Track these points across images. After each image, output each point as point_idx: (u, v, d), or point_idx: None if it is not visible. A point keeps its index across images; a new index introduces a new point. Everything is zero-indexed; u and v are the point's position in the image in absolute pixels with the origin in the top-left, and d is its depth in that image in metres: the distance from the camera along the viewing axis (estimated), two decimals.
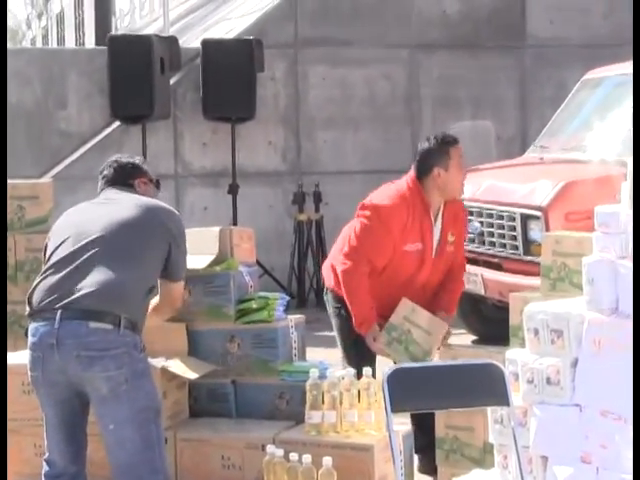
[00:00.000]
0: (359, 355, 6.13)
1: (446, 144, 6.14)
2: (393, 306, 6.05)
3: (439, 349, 6.07)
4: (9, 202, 6.54)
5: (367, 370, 5.35)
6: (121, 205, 5.06)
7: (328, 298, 6.46)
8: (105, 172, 5.33)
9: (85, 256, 4.81)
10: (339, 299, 6.28)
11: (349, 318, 6.18)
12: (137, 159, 5.48)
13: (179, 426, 5.47)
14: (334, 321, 6.44)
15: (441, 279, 6.34)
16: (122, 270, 4.77)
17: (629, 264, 4.65)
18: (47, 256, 4.98)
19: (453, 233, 6.28)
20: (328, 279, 6.48)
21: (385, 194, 6.23)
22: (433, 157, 6.13)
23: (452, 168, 6.11)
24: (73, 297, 4.70)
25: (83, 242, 4.85)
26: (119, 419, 4.71)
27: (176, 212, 5.20)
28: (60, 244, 4.93)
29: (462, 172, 6.21)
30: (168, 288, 5.09)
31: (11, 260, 6.48)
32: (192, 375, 5.48)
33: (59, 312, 4.67)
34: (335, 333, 6.48)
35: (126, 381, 4.68)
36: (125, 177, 5.24)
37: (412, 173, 6.18)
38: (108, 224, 4.89)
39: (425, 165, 6.13)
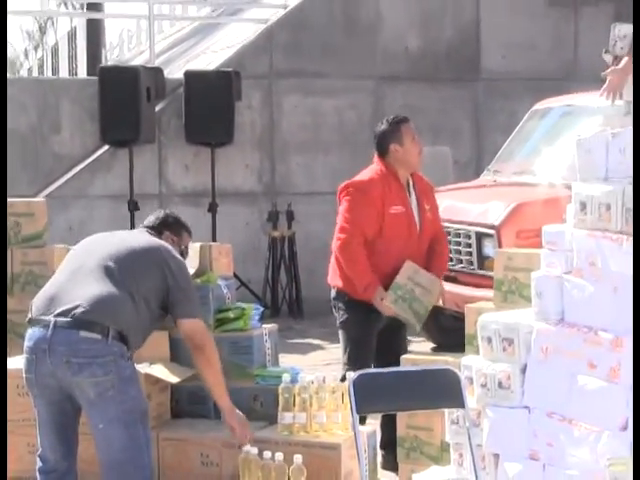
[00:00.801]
0: (362, 356, 6.15)
1: (397, 123, 6.31)
2: (395, 275, 6.11)
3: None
4: (7, 220, 6.52)
5: (334, 376, 5.36)
6: (135, 238, 5.13)
7: (333, 298, 6.41)
8: (151, 217, 5.37)
9: (84, 272, 4.83)
10: (341, 296, 6.29)
11: (351, 318, 6.21)
12: (182, 221, 5.53)
13: (162, 426, 5.45)
14: (338, 321, 6.40)
15: (427, 247, 6.40)
16: (114, 287, 4.76)
17: (574, 279, 4.66)
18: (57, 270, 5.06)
19: (427, 203, 6.38)
20: (331, 279, 6.46)
21: (359, 175, 6.42)
22: (388, 136, 6.27)
23: (406, 142, 6.24)
24: (67, 307, 4.69)
25: (86, 260, 4.89)
26: (107, 420, 4.69)
27: (180, 259, 5.12)
28: (68, 260, 5.01)
29: (416, 145, 6.30)
30: (182, 330, 5.02)
31: (8, 273, 6.45)
32: (174, 379, 5.48)
33: (53, 320, 4.67)
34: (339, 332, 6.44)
35: (113, 386, 4.66)
36: (160, 225, 5.27)
37: (375, 155, 6.35)
38: (115, 249, 4.92)
39: (383, 144, 6.28)
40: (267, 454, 4.87)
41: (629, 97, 6.44)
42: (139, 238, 5.12)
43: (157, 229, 5.24)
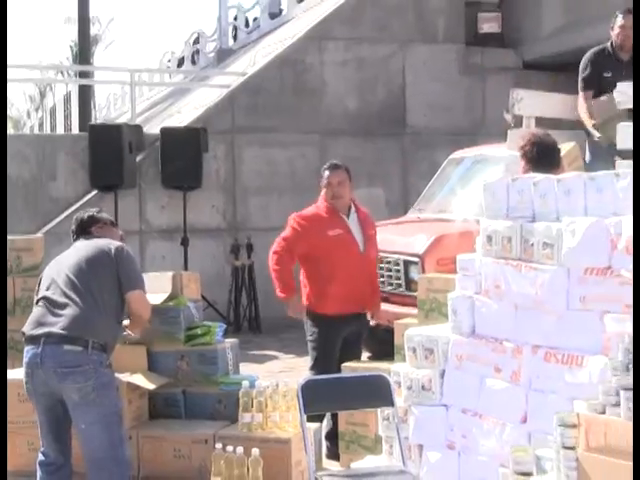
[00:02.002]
0: (322, 360, 6.12)
1: (324, 169, 6.44)
2: (349, 296, 6.12)
3: None
4: (10, 253, 6.49)
5: (285, 383, 5.33)
6: (81, 250, 5.01)
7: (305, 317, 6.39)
8: (72, 227, 5.23)
9: (59, 295, 4.82)
10: (311, 315, 6.25)
11: (317, 330, 6.19)
12: (91, 211, 5.35)
13: (140, 426, 5.42)
14: (307, 333, 6.36)
15: (375, 270, 6.57)
16: (85, 302, 4.75)
17: (482, 298, 4.69)
18: (37, 296, 4.99)
19: (371, 231, 6.45)
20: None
21: (306, 213, 6.46)
22: (322, 178, 6.39)
23: (326, 184, 6.32)
24: (52, 328, 4.71)
25: (57, 284, 4.86)
26: (89, 421, 4.68)
27: (119, 243, 5.05)
28: (43, 286, 4.96)
29: (331, 187, 6.29)
30: (129, 300, 4.92)
31: (10, 298, 6.42)
32: (151, 386, 5.45)
33: (42, 339, 4.70)
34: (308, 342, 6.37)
35: (94, 390, 4.65)
36: (84, 228, 5.15)
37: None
38: (73, 268, 4.87)
39: (321, 183, 6.40)
40: (230, 448, 4.85)
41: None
42: (84, 247, 5.02)
43: (86, 231, 5.14)
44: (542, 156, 5.48)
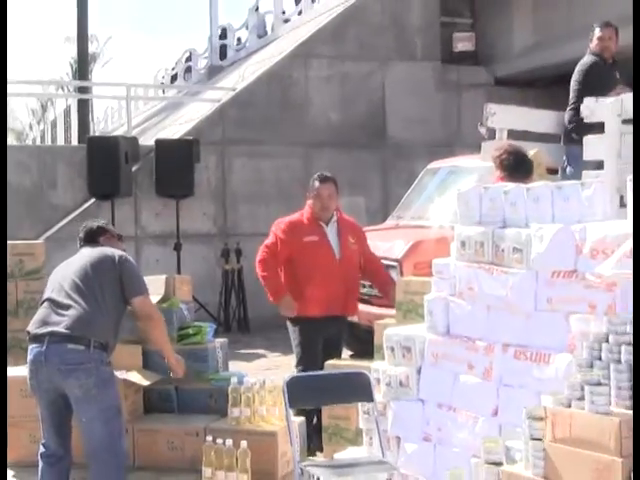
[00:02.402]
0: (306, 357, 6.12)
1: (314, 180, 6.35)
2: (325, 299, 6.11)
3: None
4: (12, 257, 6.48)
5: (272, 380, 5.33)
6: (86, 256, 5.03)
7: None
8: (80, 235, 5.25)
9: (63, 297, 4.82)
10: (290, 319, 6.25)
11: (300, 330, 6.18)
12: (102, 222, 5.40)
13: (136, 420, 5.43)
14: (291, 333, 6.35)
15: (355, 276, 6.43)
16: (87, 304, 4.76)
17: (457, 300, 4.70)
18: (42, 297, 5.00)
19: (353, 238, 6.36)
20: None
21: (287, 220, 6.40)
22: (310, 187, 6.33)
23: (315, 195, 6.25)
24: (56, 327, 4.71)
25: (62, 287, 4.87)
26: (90, 415, 4.68)
27: (123, 253, 5.08)
28: (49, 289, 4.96)
29: (320, 199, 6.24)
30: (134, 306, 4.97)
31: (13, 300, 6.42)
32: (145, 382, 5.45)
33: (47, 337, 4.69)
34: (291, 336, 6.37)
35: (95, 386, 4.65)
36: (92, 236, 5.18)
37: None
38: (78, 272, 4.89)
39: (308, 196, 6.34)
40: (220, 440, 4.85)
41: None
42: (89, 254, 5.03)
43: (94, 240, 5.16)
44: (517, 165, 5.55)
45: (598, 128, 6.87)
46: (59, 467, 4.86)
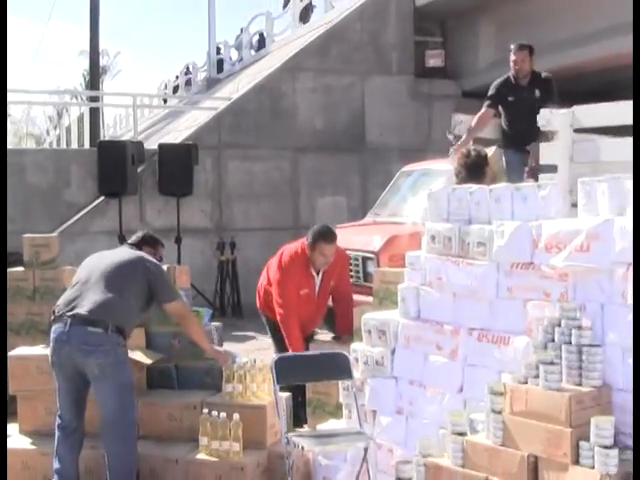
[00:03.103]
0: (282, 347, 6.06)
1: (321, 238, 6.03)
2: (305, 322, 6.07)
3: None
4: (30, 249, 6.44)
5: (261, 359, 5.31)
6: (122, 253, 5.09)
7: (265, 317, 6.38)
8: (133, 236, 5.34)
9: (89, 283, 4.83)
10: (266, 317, 6.27)
11: (272, 327, 6.18)
12: (156, 237, 5.42)
13: (140, 394, 5.34)
14: (267, 327, 6.37)
15: (325, 303, 6.33)
16: (112, 293, 4.77)
17: (427, 288, 4.69)
18: (72, 282, 5.02)
19: (334, 279, 6.23)
20: (258, 301, 6.47)
21: (289, 255, 6.15)
22: (317, 242, 6.02)
23: (316, 252, 6.03)
24: (78, 310, 4.71)
25: (91, 273, 4.88)
26: (106, 391, 4.70)
27: (157, 262, 5.11)
28: (81, 273, 4.98)
29: (323, 256, 6.04)
30: (167, 311, 5.06)
31: (31, 286, 6.37)
32: (148, 361, 5.42)
33: (70, 319, 4.69)
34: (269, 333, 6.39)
35: (111, 366, 4.66)
36: (140, 242, 5.23)
37: (306, 243, 6.11)
38: (109, 263, 4.93)
39: (313, 244, 6.03)
40: (215, 413, 4.86)
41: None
42: (125, 253, 5.09)
43: (137, 245, 5.20)
44: (475, 167, 5.58)
45: (514, 137, 6.97)
46: (73, 438, 4.86)
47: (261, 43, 19.11)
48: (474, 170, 5.59)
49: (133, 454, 4.80)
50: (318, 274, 6.17)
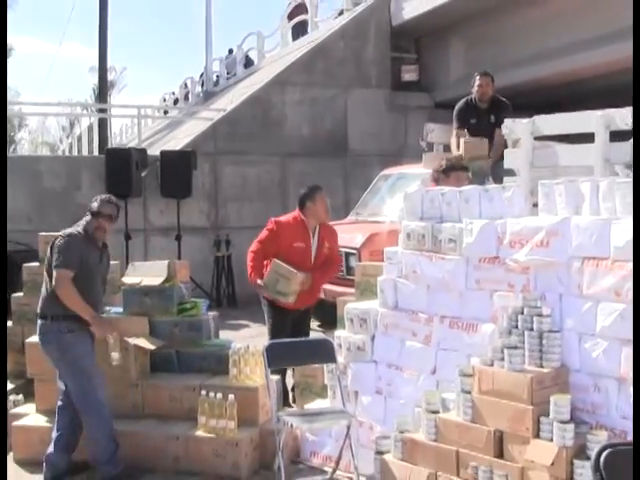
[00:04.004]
0: (276, 329, 6.00)
1: (314, 189, 6.11)
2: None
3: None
4: (44, 246, 6.28)
5: (254, 345, 5.28)
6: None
7: (263, 298, 6.20)
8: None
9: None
10: (267, 302, 6.09)
11: (271, 311, 6.04)
12: (107, 199, 5.09)
13: (144, 377, 5.36)
14: (265, 313, 6.20)
15: (322, 266, 6.18)
16: (47, 284, 4.74)
17: (403, 281, 4.70)
18: None
19: (328, 243, 6.18)
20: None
21: (284, 215, 6.24)
22: (306, 197, 6.08)
23: (317, 202, 6.06)
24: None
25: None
26: (62, 374, 4.76)
27: (67, 235, 4.76)
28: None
29: (323, 205, 6.09)
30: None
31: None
32: (152, 347, 5.38)
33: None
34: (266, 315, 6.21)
35: (57, 351, 4.69)
36: (89, 215, 4.97)
37: (297, 207, 6.14)
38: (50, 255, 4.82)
39: (302, 202, 6.09)
40: (212, 394, 4.85)
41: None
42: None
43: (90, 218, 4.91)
44: (451, 168, 5.62)
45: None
46: (69, 411, 4.79)
47: (248, 61, 19.08)
48: (450, 170, 5.60)
49: (106, 433, 4.70)
50: (314, 235, 6.10)
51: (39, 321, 4.73)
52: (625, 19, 10.69)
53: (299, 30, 17.29)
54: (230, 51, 20.13)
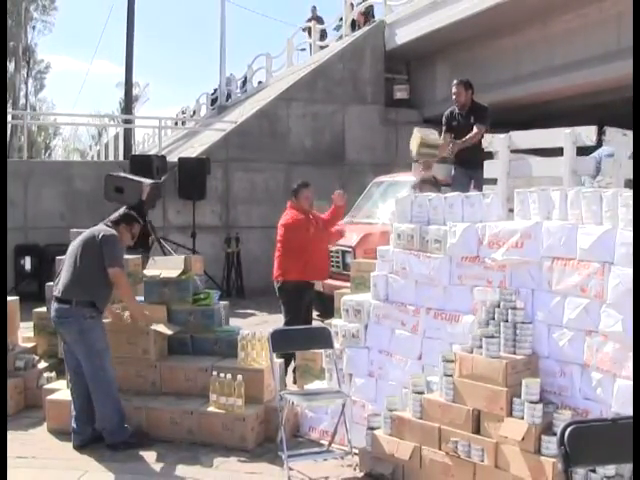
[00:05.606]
0: (292, 310, 6.05)
1: (300, 185, 6.35)
2: (316, 263, 6.12)
3: None
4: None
5: (260, 332, 5.28)
6: (89, 230, 4.93)
7: (277, 282, 6.22)
8: (115, 213, 5.13)
9: (63, 265, 4.87)
10: (279, 282, 6.14)
11: (288, 295, 6.07)
12: (132, 214, 5.10)
13: (162, 359, 5.35)
14: (280, 299, 6.22)
15: (326, 246, 6.55)
16: (74, 271, 4.71)
17: (394, 276, 4.70)
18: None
19: (317, 221, 6.32)
20: (274, 272, 6.29)
21: (285, 218, 6.26)
22: (297, 190, 6.29)
23: (301, 195, 6.26)
24: (55, 292, 4.77)
25: (66, 256, 4.90)
26: (80, 355, 4.71)
27: (112, 233, 4.78)
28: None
29: (307, 197, 6.27)
30: (109, 275, 4.70)
31: None
32: (169, 332, 5.38)
33: (53, 299, 4.78)
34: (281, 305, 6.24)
35: (78, 334, 4.66)
36: (115, 220, 4.99)
37: (289, 202, 6.33)
38: (75, 244, 4.86)
39: (295, 194, 6.29)
40: (222, 375, 4.85)
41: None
42: (89, 231, 4.86)
43: (115, 222, 4.94)
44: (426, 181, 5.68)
45: (457, 155, 7.06)
46: (81, 390, 4.79)
47: (246, 81, 19.14)
48: (422, 183, 5.71)
49: (112, 406, 4.71)
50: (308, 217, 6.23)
51: (59, 304, 4.64)
52: (587, 50, 10.88)
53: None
54: (248, 67, 20.03)
